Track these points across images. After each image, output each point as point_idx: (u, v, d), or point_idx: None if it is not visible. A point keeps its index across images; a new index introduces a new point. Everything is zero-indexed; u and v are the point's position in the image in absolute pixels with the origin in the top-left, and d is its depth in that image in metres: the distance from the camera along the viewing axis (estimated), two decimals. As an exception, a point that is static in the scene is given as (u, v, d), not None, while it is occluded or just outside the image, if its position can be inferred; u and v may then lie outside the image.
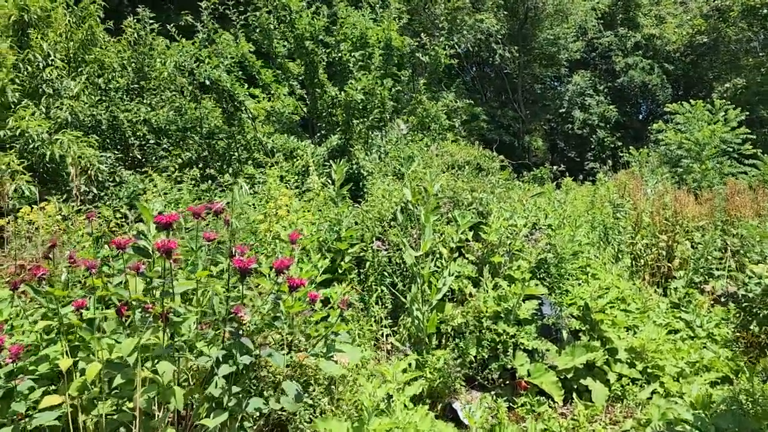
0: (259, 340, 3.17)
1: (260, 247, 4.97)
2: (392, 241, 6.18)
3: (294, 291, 2.84)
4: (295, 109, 10.04)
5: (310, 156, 7.56)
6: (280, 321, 2.84)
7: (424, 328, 5.07)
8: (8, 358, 2.68)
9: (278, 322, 2.84)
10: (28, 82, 8.58)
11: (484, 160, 7.50)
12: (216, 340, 2.74)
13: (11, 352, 2.66)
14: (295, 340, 3.52)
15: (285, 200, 4.95)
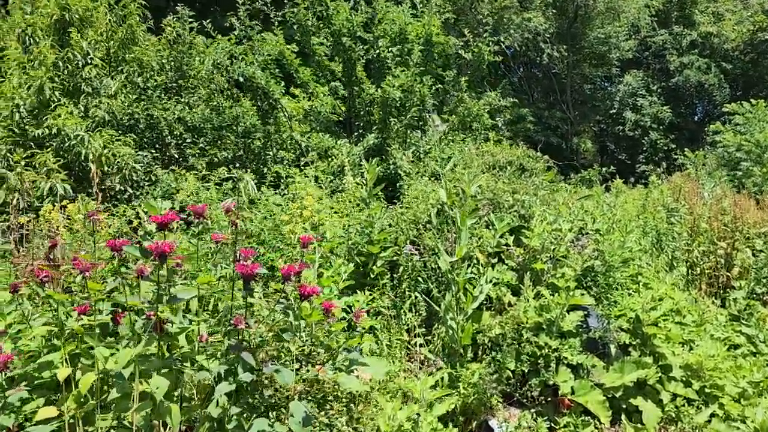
0: (271, 353, 2.89)
1: (285, 250, 4.72)
2: (428, 245, 5.87)
3: (305, 299, 2.56)
4: (333, 107, 9.82)
5: (346, 155, 7.31)
6: (289, 333, 2.56)
7: (458, 339, 4.73)
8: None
9: (287, 335, 2.56)
10: (67, 80, 8.62)
11: (528, 160, 7.10)
12: (218, 354, 2.48)
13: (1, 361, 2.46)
14: (313, 352, 3.23)
15: (310, 200, 4.69)
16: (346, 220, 5.58)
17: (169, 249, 2.22)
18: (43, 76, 7.79)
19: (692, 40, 27.03)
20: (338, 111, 10.08)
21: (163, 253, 2.20)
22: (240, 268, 2.33)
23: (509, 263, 5.54)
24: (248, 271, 2.31)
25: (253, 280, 2.45)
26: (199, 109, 8.83)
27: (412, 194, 6.42)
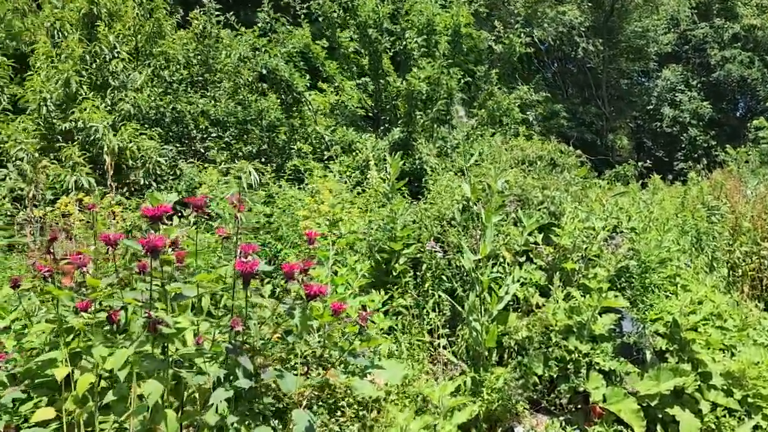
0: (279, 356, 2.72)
1: (303, 246, 4.56)
2: (452, 243, 5.65)
3: (311, 299, 2.38)
4: (359, 101, 9.64)
5: (370, 150, 7.12)
6: (294, 335, 2.38)
7: (482, 342, 4.50)
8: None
9: (292, 337, 2.38)
10: (95, 74, 8.62)
11: (559, 155, 6.81)
12: (217, 357, 2.31)
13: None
14: (325, 355, 3.06)
15: (327, 195, 4.51)
16: (368, 215, 5.40)
17: (162, 243, 2.06)
18: (69, 69, 7.79)
19: (734, 33, 26.08)
20: (365, 105, 9.89)
21: (155, 247, 2.04)
22: (239, 265, 2.16)
23: (538, 262, 5.28)
24: (247, 269, 2.14)
25: (253, 278, 2.28)
26: (224, 102, 8.74)
27: (436, 189, 6.21)
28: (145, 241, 2.06)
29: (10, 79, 9.31)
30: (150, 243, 2.03)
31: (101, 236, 2.27)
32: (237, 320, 2.14)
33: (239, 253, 2.29)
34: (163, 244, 2.08)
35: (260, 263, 2.26)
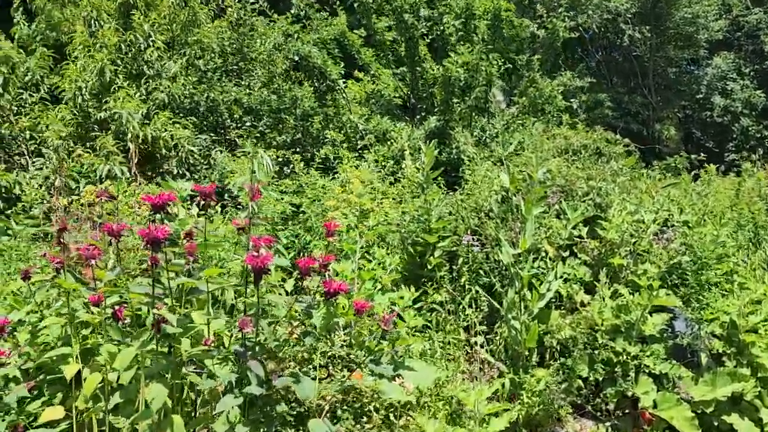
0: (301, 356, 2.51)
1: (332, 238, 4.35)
2: (490, 235, 5.39)
3: (331, 297, 2.16)
4: (395, 89, 9.38)
5: (405, 139, 6.86)
6: (312, 336, 2.17)
7: (521, 341, 4.23)
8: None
9: (309, 338, 2.16)
10: (130, 63, 8.58)
11: (605, 144, 6.44)
12: (228, 359, 2.12)
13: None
14: (351, 355, 2.84)
15: (357, 184, 4.29)
16: (402, 206, 5.16)
17: (163, 235, 1.86)
18: (104, 58, 7.75)
19: (791, 19, 24.82)
20: (401, 93, 9.61)
21: (155, 239, 1.85)
22: (249, 259, 1.95)
23: (582, 257, 4.96)
24: (258, 264, 1.93)
25: (265, 274, 2.07)
26: (258, 91, 8.60)
27: (473, 180, 5.93)
28: (145, 232, 1.87)
29: (50, 70, 9.37)
30: (150, 234, 1.84)
31: (104, 226, 2.09)
32: (246, 320, 1.94)
33: (251, 246, 2.09)
34: (166, 236, 1.89)
35: (274, 257, 2.05)
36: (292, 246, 4.59)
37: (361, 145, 6.88)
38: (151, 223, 1.89)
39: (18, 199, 6.17)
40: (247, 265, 2.00)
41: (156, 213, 2.03)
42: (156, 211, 2.03)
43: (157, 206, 2.01)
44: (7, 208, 6.37)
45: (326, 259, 2.17)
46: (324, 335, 2.29)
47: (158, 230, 1.88)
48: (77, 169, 6.39)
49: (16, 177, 6.67)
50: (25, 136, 7.67)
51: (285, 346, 2.26)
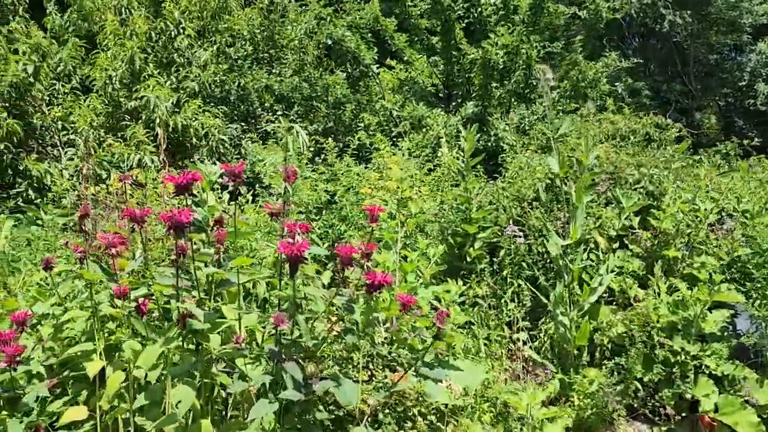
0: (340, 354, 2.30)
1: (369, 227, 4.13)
2: (533, 226, 5.11)
3: (374, 291, 1.93)
4: (429, 76, 9.09)
5: (442, 126, 6.60)
6: (353, 334, 1.95)
7: (570, 339, 3.95)
8: (3, 362, 2.05)
9: (351, 336, 1.94)
10: (160, 52, 8.47)
11: (654, 129, 6.07)
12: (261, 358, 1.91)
13: (7, 353, 2.02)
14: (392, 354, 2.61)
15: (395, 169, 4.05)
16: (440, 195, 4.91)
17: (187, 219, 1.66)
18: (134, 46, 7.65)
19: (842, 1, 23.70)
20: (436, 80, 9.32)
21: (179, 224, 1.65)
22: (283, 247, 1.74)
23: (634, 249, 4.65)
24: (294, 252, 1.71)
25: (302, 263, 1.85)
26: (289, 78, 8.42)
27: (514, 167, 5.64)
28: (168, 216, 1.66)
29: (82, 60, 9.33)
30: (173, 219, 1.64)
31: (125, 211, 1.90)
32: (281, 316, 1.72)
33: (285, 233, 1.87)
34: (190, 220, 1.69)
35: (310, 245, 1.83)
36: (326, 236, 4.39)
37: (396, 132, 6.64)
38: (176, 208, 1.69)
39: (48, 189, 6.10)
40: (281, 253, 1.79)
41: (180, 194, 1.83)
42: (180, 192, 1.83)
43: (182, 186, 1.81)
44: (38, 198, 6.32)
45: (368, 248, 1.94)
46: (365, 332, 2.06)
47: (182, 213, 1.68)
48: (107, 159, 6.29)
49: (48, 167, 6.61)
50: (57, 126, 7.62)
51: (324, 345, 2.04)
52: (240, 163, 2.09)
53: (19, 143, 6.56)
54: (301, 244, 1.77)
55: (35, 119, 7.33)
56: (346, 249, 1.83)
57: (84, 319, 2.56)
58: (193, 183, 1.80)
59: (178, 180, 1.78)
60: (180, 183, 1.78)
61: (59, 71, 9.04)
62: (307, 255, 1.82)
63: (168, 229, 1.67)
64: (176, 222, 1.66)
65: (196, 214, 2.48)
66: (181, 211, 1.68)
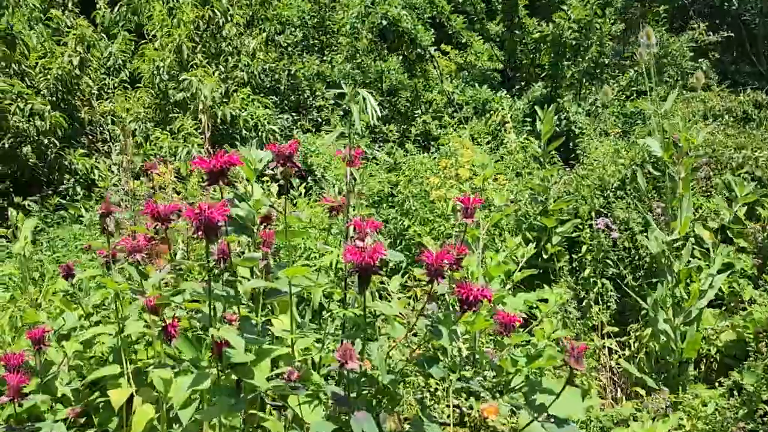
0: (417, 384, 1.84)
1: (436, 222, 3.65)
2: (618, 218, 4.56)
3: (469, 309, 1.46)
4: (489, 59, 8.51)
5: (507, 110, 6.05)
6: (438, 367, 1.48)
7: (675, 351, 3.38)
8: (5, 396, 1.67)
9: (437, 369, 1.48)
10: (208, 41, 8.18)
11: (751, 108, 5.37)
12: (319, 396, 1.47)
13: (10, 385, 1.64)
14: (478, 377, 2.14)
15: (468, 154, 3.55)
16: (511, 185, 4.39)
17: (221, 215, 1.22)
18: (182, 34, 7.36)
19: None
20: (495, 62, 8.71)
21: (210, 222, 1.21)
22: (351, 253, 1.28)
23: (740, 244, 4.02)
24: (365, 259, 1.26)
25: (376, 273, 1.39)
26: (341, 65, 7.99)
27: (595, 152, 5.06)
28: (195, 212, 1.23)
29: (132, 54, 9.18)
30: (202, 215, 1.21)
31: (146, 207, 1.48)
32: (349, 351, 1.26)
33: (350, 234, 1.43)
34: (224, 217, 1.25)
35: (385, 249, 1.37)
36: (385, 233, 3.94)
37: (457, 119, 6.14)
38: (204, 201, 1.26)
39: (95, 185, 5.88)
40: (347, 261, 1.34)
41: (213, 183, 1.40)
42: (213, 180, 1.40)
43: (215, 173, 1.38)
44: (86, 194, 6.10)
45: (460, 252, 1.46)
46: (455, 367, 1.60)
47: (213, 209, 1.24)
48: (154, 152, 6.01)
49: (95, 162, 6.38)
50: (107, 120, 7.43)
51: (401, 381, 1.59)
52: (292, 141, 1.65)
53: (65, 138, 6.35)
54: (375, 248, 1.31)
55: (84, 113, 7.13)
56: (435, 256, 1.36)
57: (113, 335, 2.18)
58: (228, 167, 1.37)
59: (209, 164, 1.35)
60: (212, 168, 1.35)
61: (109, 65, 8.90)
62: (385, 261, 1.36)
63: (196, 229, 1.24)
64: (207, 220, 1.23)
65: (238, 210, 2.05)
66: (214, 205, 1.25)
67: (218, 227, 1.27)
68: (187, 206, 1.28)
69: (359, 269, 1.36)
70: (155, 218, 1.57)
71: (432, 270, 1.38)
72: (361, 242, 1.38)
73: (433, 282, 1.39)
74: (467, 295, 1.44)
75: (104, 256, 2.08)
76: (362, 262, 1.34)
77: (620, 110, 7.47)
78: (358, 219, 1.48)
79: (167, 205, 1.53)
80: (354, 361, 1.26)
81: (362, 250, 1.36)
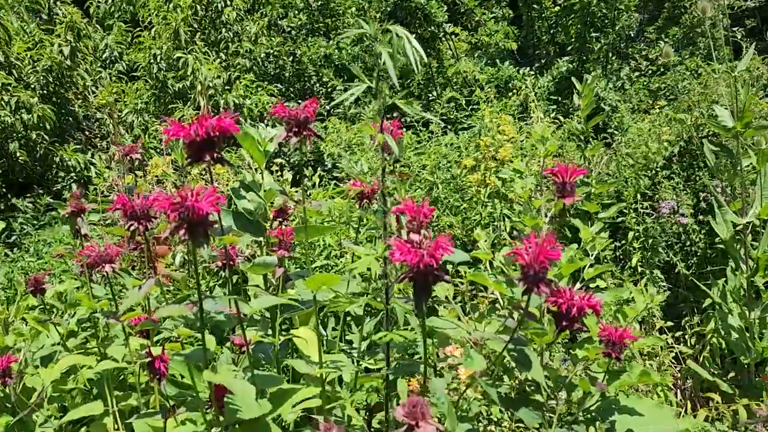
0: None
1: (469, 211, 3.21)
2: (663, 200, 4.15)
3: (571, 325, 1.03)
4: (505, 36, 8.03)
5: (531, 88, 5.59)
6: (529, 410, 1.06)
7: (751, 349, 2.94)
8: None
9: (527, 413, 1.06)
10: (208, 27, 7.75)
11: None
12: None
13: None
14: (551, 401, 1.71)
15: (509, 130, 3.09)
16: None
17: (207, 209, 0.80)
18: (178, 18, 6.93)
19: None
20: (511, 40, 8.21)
21: (195, 216, 0.79)
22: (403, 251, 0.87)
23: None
24: (423, 260, 0.84)
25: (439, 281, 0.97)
26: (349, 47, 7.54)
27: (633, 129, 4.62)
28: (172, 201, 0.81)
29: (129, 46, 8.82)
30: (183, 207, 0.79)
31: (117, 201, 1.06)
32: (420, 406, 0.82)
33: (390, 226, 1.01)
34: (214, 207, 0.83)
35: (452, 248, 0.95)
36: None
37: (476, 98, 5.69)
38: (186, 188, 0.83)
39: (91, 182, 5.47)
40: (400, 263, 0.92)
41: (197, 159, 0.97)
42: (196, 153, 0.98)
43: (199, 143, 0.96)
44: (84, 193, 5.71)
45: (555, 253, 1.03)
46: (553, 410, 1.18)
47: (200, 198, 0.82)
48: (153, 144, 5.60)
49: (90, 157, 5.98)
50: (104, 113, 7.03)
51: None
52: (308, 101, 1.24)
53: (58, 133, 5.94)
54: (437, 243, 0.89)
55: (77, 107, 6.73)
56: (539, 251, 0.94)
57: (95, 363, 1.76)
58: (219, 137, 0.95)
59: (190, 130, 0.92)
60: (195, 136, 0.92)
61: (105, 58, 8.52)
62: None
63: (175, 228, 0.82)
64: (191, 213, 0.80)
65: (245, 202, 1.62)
66: (201, 192, 0.82)
67: (208, 223, 0.85)
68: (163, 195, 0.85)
69: (415, 275, 0.93)
70: (130, 216, 1.15)
71: (529, 274, 0.96)
72: (416, 235, 0.95)
73: (532, 292, 0.96)
74: (568, 305, 1.02)
75: (81, 265, 1.66)
76: (420, 263, 0.91)
77: (646, 86, 7.00)
78: (411, 202, 1.05)
79: (147, 197, 1.10)
80: (428, 422, 0.83)
81: (419, 246, 0.93)
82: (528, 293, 0.99)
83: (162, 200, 0.83)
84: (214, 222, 0.87)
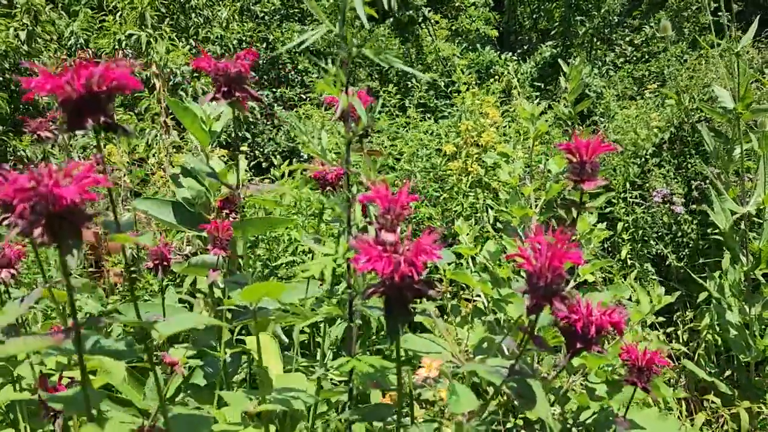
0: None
1: (450, 202, 2.98)
2: (654, 188, 4.00)
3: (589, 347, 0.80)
4: (486, 21, 7.80)
5: (513, 74, 5.37)
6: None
7: (750, 347, 2.76)
8: None
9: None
10: (176, 12, 7.42)
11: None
12: None
13: None
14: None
15: (494, 113, 2.87)
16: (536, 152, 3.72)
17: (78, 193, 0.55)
18: (144, 2, 6.60)
19: None
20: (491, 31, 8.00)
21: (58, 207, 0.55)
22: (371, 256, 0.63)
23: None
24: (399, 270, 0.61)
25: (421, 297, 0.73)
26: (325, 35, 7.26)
27: (620, 115, 4.44)
28: (23, 188, 0.56)
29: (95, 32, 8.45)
30: (38, 193, 0.54)
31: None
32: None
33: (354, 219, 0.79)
34: (86, 194, 0.58)
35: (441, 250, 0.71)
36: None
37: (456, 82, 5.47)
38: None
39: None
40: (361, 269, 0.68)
41: (77, 125, 0.72)
42: (77, 118, 0.72)
43: (77, 101, 0.71)
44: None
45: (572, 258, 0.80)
46: None
47: (64, 181, 0.57)
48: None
49: (51, 148, 5.64)
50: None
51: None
52: (245, 51, 1.00)
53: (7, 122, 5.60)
54: (418, 246, 0.65)
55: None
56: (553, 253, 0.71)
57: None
58: (110, 94, 0.70)
59: (62, 81, 0.67)
60: (69, 91, 0.67)
61: (70, 45, 8.15)
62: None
63: (29, 224, 0.56)
64: (48, 202, 0.55)
65: (183, 190, 1.38)
66: (68, 172, 0.57)
67: (80, 217, 0.60)
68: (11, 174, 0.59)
69: (388, 289, 0.69)
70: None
71: (539, 285, 0.72)
72: (389, 234, 0.71)
73: (541, 308, 0.73)
74: (584, 323, 0.79)
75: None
76: (394, 274, 0.67)
77: (631, 73, 6.83)
78: (384, 188, 0.81)
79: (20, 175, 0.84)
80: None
81: (393, 250, 0.69)
82: (536, 311, 0.75)
83: (4, 185, 0.57)
84: (88, 216, 0.62)
